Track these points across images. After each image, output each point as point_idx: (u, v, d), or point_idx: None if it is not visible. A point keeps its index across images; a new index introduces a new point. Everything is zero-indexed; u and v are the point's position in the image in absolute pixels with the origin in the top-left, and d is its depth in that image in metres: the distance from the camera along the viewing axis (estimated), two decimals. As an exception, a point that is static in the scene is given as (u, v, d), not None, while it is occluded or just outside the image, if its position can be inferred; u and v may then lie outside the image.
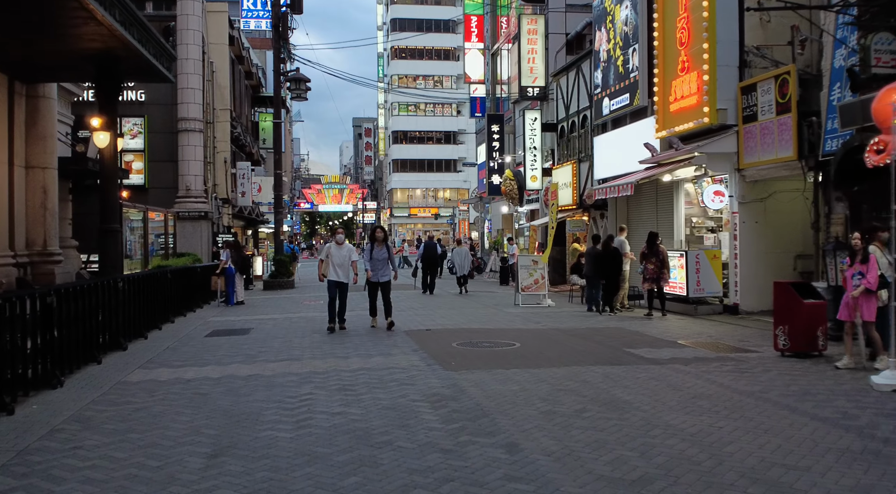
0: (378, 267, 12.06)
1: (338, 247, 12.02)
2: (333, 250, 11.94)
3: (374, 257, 12.06)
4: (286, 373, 8.05)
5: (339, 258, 11.90)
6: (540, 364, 8.25)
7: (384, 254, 12.12)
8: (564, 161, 23.16)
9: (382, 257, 12.07)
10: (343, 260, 11.96)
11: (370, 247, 12.22)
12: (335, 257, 11.89)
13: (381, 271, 12.09)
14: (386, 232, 12.73)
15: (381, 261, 12.06)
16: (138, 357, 9.55)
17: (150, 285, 12.39)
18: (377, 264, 12.05)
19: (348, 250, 12.10)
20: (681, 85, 15.33)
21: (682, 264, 14.46)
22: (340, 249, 11.99)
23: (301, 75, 24.16)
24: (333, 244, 12.09)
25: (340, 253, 11.93)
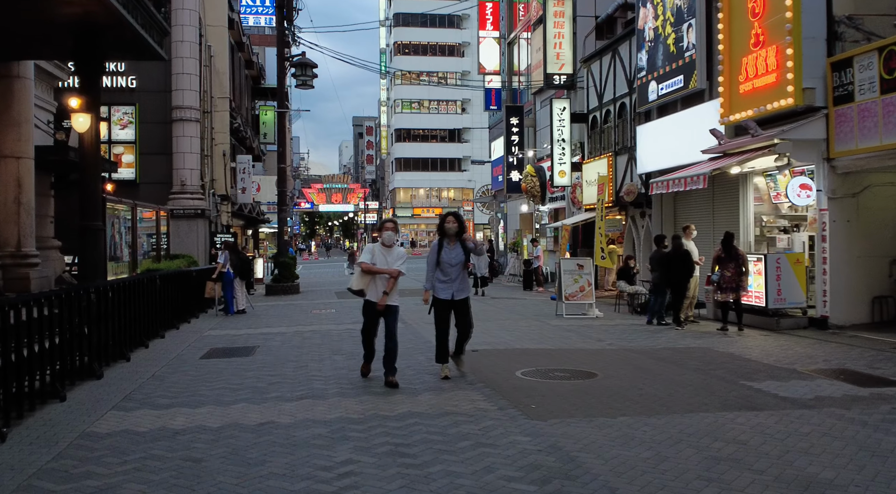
0: (452, 276, 7.78)
1: (385, 250, 7.73)
2: (378, 253, 7.68)
3: (444, 261, 7.77)
4: (310, 421, 5.90)
5: (384, 267, 7.69)
6: (653, 410, 6.12)
7: (459, 255, 7.81)
8: (597, 155, 21.04)
9: (457, 261, 7.80)
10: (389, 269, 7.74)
11: (437, 246, 7.93)
12: (380, 263, 7.66)
13: (458, 282, 7.82)
14: (461, 219, 8.10)
15: (455, 267, 7.80)
16: (115, 391, 7.41)
17: (135, 294, 10.26)
18: (451, 270, 7.77)
19: (398, 256, 7.78)
20: (754, 62, 13.23)
21: (759, 269, 12.34)
22: (388, 253, 7.72)
23: (307, 60, 22.00)
24: (378, 246, 7.79)
25: (388, 258, 7.69)
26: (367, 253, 7.77)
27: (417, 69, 70.23)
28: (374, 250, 7.75)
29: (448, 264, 7.79)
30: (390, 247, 7.76)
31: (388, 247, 7.74)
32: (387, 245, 7.74)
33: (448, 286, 7.81)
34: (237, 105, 26.44)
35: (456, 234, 7.88)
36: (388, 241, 7.76)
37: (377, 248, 7.76)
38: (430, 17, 73.30)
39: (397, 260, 7.69)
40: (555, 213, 25.74)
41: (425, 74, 72.52)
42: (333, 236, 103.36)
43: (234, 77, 25.87)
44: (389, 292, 7.54)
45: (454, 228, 7.90)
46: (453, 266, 7.80)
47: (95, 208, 12.04)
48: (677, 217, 17.28)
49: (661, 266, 12.54)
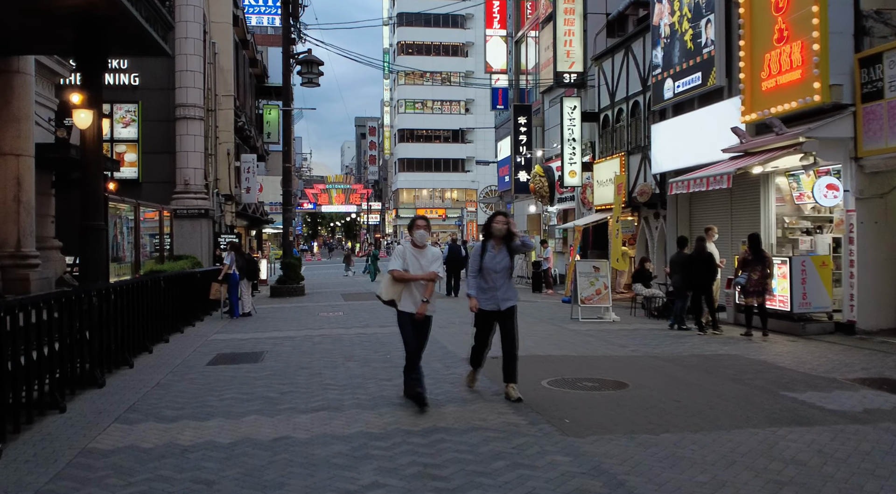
0: (496, 284, 6.82)
1: (417, 251, 6.70)
2: (410, 256, 6.65)
3: (487, 267, 6.81)
4: (328, 436, 5.48)
5: (417, 271, 6.64)
6: (697, 425, 5.69)
7: (504, 260, 6.85)
8: (609, 154, 20.62)
9: (503, 267, 6.83)
10: (423, 274, 6.68)
11: (479, 250, 6.96)
12: (413, 267, 6.63)
13: (503, 289, 6.84)
14: (508, 216, 7.11)
15: (500, 273, 6.82)
16: (118, 401, 6.99)
17: (139, 297, 9.85)
18: (494, 277, 6.81)
19: (433, 257, 6.77)
20: (777, 58, 12.81)
21: (784, 272, 11.92)
22: (421, 254, 6.69)
23: (313, 57, 21.59)
24: (409, 247, 6.77)
25: (421, 261, 6.66)
26: (397, 258, 6.66)
27: (421, 69, 69.88)
28: (405, 252, 6.66)
29: (492, 271, 6.76)
30: (422, 248, 6.73)
31: (421, 248, 6.71)
32: (419, 246, 6.68)
33: (491, 295, 6.81)
34: (241, 103, 26.05)
35: (504, 236, 6.81)
36: (419, 241, 6.67)
37: (408, 250, 6.68)
38: (434, 16, 72.84)
39: (432, 262, 6.69)
40: (564, 214, 25.31)
41: (429, 74, 72.18)
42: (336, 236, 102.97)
43: (238, 75, 25.47)
44: (429, 299, 6.65)
45: (503, 229, 6.80)
46: (497, 272, 6.77)
47: (97, 206, 11.68)
48: (693, 218, 16.86)
49: (683, 269, 12.12)
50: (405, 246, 6.77)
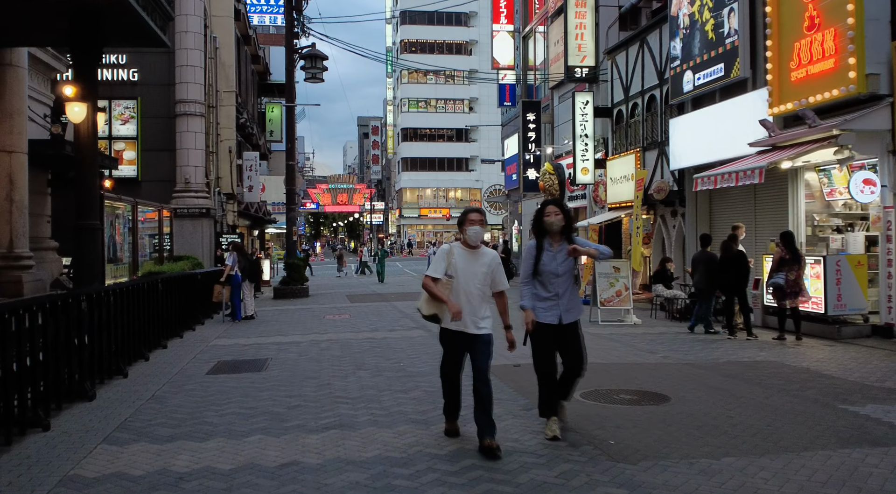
0: (558, 291, 5.44)
1: (470, 254, 5.28)
2: (460, 259, 5.24)
3: (547, 270, 5.44)
4: (342, 462, 4.83)
5: (470, 280, 5.22)
6: (759, 446, 5.03)
7: (567, 261, 5.44)
8: (623, 150, 19.95)
9: (565, 270, 5.44)
10: (478, 283, 5.24)
11: (534, 250, 5.52)
12: (463, 275, 5.20)
13: (566, 297, 5.45)
14: (567, 210, 5.63)
15: (563, 277, 5.44)
16: (108, 416, 6.34)
17: (134, 300, 9.21)
18: (556, 283, 5.43)
19: (490, 261, 5.30)
20: (808, 47, 12.14)
21: (817, 273, 11.26)
22: (475, 257, 5.28)
23: (318, 51, 20.94)
24: (458, 248, 5.32)
25: (474, 267, 5.25)
26: (439, 261, 5.24)
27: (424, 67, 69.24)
28: (452, 253, 5.20)
29: (552, 275, 5.39)
30: (476, 249, 5.24)
31: (474, 249, 5.23)
32: (472, 246, 5.23)
33: (552, 306, 5.39)
34: (243, 101, 25.41)
35: (562, 231, 5.45)
36: (473, 239, 5.20)
37: (457, 251, 5.23)
38: (437, 14, 72.24)
39: (493, 269, 5.25)
40: (575, 212, 24.63)
41: (432, 72, 71.52)
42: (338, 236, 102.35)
43: (240, 71, 24.83)
44: (504, 315, 5.25)
45: (559, 222, 5.42)
46: (560, 276, 5.39)
47: (92, 205, 11.10)
48: (713, 216, 16.20)
49: (707, 268, 11.47)
50: (452, 247, 5.30)
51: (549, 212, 5.50)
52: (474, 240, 5.24)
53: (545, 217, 5.51)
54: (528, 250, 5.61)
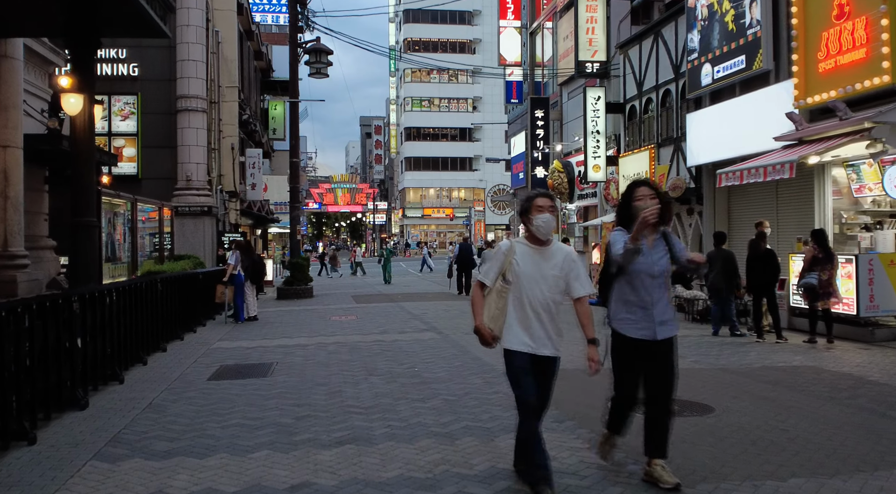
0: (654, 297, 4.25)
1: (536, 252, 4.16)
2: (524, 260, 4.13)
3: (641, 270, 4.23)
4: (360, 483, 4.30)
5: (537, 286, 4.11)
6: (825, 465, 4.51)
7: (662, 259, 4.27)
8: (636, 147, 19.41)
9: (661, 270, 4.26)
10: (547, 289, 4.13)
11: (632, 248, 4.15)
12: (528, 280, 4.09)
13: (660, 306, 4.26)
14: (664, 195, 4.36)
15: (658, 279, 4.26)
16: (100, 428, 5.82)
17: (132, 301, 8.69)
18: (649, 287, 4.25)
19: (563, 261, 4.17)
20: (837, 36, 11.62)
21: (849, 272, 10.71)
22: (544, 256, 4.16)
23: (322, 46, 20.41)
24: (521, 245, 4.19)
25: (541, 268, 4.14)
26: (492, 262, 4.20)
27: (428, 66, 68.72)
28: (512, 251, 4.11)
29: (646, 276, 4.18)
30: (545, 245, 4.13)
31: (542, 244, 4.13)
32: (541, 240, 4.12)
33: (642, 316, 4.20)
34: (246, 96, 24.89)
35: (658, 223, 4.20)
36: (543, 231, 4.08)
37: (519, 248, 4.12)
38: (441, 13, 71.74)
39: (568, 271, 4.13)
40: (584, 211, 24.12)
41: (436, 71, 71.01)
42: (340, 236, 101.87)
43: (242, 67, 24.31)
44: (587, 326, 4.15)
45: (656, 215, 4.11)
46: (655, 278, 4.19)
47: (89, 201, 10.64)
48: (732, 214, 15.66)
49: (726, 268, 10.95)
50: (513, 243, 4.17)
51: (643, 195, 4.22)
52: (544, 232, 4.09)
53: (636, 201, 4.21)
54: (611, 243, 4.28)
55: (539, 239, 4.14)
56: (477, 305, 4.17)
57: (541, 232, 4.11)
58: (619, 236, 4.25)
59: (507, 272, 4.10)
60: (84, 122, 10.53)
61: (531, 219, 4.12)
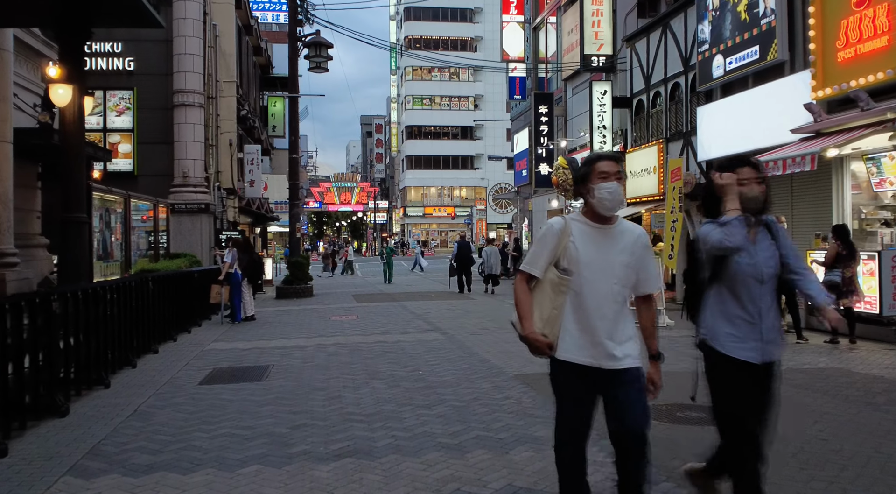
0: (762, 307, 3.27)
1: (599, 233, 3.20)
2: (583, 242, 3.16)
3: (745, 271, 3.25)
4: (361, 502, 3.84)
5: (602, 276, 3.16)
6: (886, 485, 4.03)
7: (774, 256, 3.32)
8: (644, 142, 18.94)
9: (770, 271, 3.29)
10: (615, 280, 3.17)
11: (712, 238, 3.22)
12: (590, 269, 3.14)
13: (769, 319, 3.29)
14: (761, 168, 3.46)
15: (768, 284, 3.29)
16: (80, 437, 5.36)
17: (121, 300, 8.24)
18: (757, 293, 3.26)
19: (633, 245, 3.21)
20: (857, 24, 11.15)
21: (871, 269, 10.26)
22: (609, 238, 3.20)
23: (322, 39, 19.96)
24: (578, 223, 3.21)
25: (608, 253, 3.18)
26: (542, 245, 3.23)
27: (429, 64, 68.29)
28: (567, 232, 3.18)
29: (754, 281, 3.26)
30: (611, 222, 3.21)
31: (606, 223, 3.20)
32: (605, 217, 3.19)
33: (750, 332, 3.26)
34: (244, 92, 24.43)
35: (759, 211, 3.34)
36: (609, 204, 3.14)
37: (576, 228, 3.19)
38: (442, 10, 71.31)
39: (632, 255, 3.20)
40: (589, 208, 23.64)
41: (437, 69, 70.54)
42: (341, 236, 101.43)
43: (241, 62, 23.85)
44: (651, 336, 3.30)
45: (757, 192, 3.31)
46: (763, 283, 3.27)
47: (79, 197, 10.25)
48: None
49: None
50: (568, 222, 3.21)
51: (748, 178, 3.28)
52: (610, 206, 3.11)
53: (745, 186, 3.27)
54: (702, 237, 3.31)
55: (603, 215, 3.15)
56: (523, 303, 3.17)
57: (605, 206, 3.11)
58: (712, 228, 3.24)
59: (561, 259, 3.14)
60: (74, 114, 10.14)
61: (592, 189, 3.13)
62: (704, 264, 3.38)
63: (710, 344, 3.33)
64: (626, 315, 3.18)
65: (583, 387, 3.16)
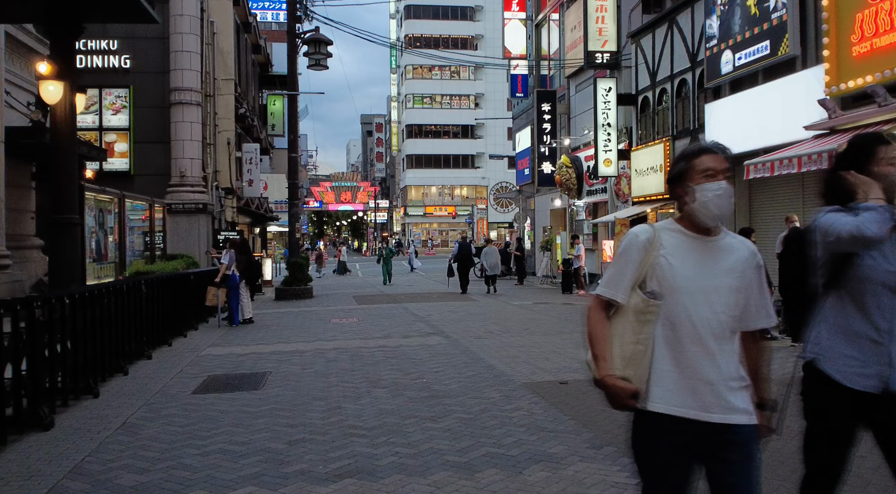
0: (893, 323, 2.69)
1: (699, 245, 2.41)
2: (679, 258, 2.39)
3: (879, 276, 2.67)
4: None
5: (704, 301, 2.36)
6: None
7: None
8: (650, 140, 18.60)
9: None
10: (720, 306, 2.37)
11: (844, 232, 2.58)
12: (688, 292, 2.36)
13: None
14: None
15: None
16: (63, 454, 5.02)
17: (112, 305, 7.90)
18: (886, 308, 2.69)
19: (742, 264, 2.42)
20: (873, 17, 10.82)
21: None
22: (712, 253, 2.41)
23: (321, 36, 19.61)
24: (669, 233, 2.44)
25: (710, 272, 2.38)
26: (623, 259, 2.47)
27: (429, 63, 67.98)
28: (656, 243, 2.42)
29: (884, 289, 2.67)
30: (714, 234, 2.43)
31: (710, 235, 2.43)
32: (707, 227, 2.41)
33: (875, 354, 2.67)
34: (243, 91, 24.09)
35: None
36: (716, 210, 2.37)
37: (667, 239, 2.43)
38: (443, 8, 70.96)
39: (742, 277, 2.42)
40: (593, 207, 23.30)
41: (437, 68, 70.19)
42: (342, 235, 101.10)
43: (239, 59, 23.50)
44: (761, 378, 2.52)
45: None
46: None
47: (71, 197, 9.94)
48: (753, 209, 14.85)
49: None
50: (658, 232, 2.47)
51: (891, 155, 2.67)
52: (716, 212, 2.37)
53: (880, 167, 2.66)
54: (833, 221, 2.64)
55: (704, 224, 2.40)
56: (599, 338, 2.43)
57: (710, 213, 2.37)
58: (840, 216, 2.62)
59: (648, 279, 2.40)
60: (65, 111, 9.85)
61: (692, 190, 2.39)
62: (819, 265, 2.73)
63: (821, 367, 2.71)
64: (735, 353, 2.42)
65: (679, 454, 2.34)
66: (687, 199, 2.41)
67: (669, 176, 2.52)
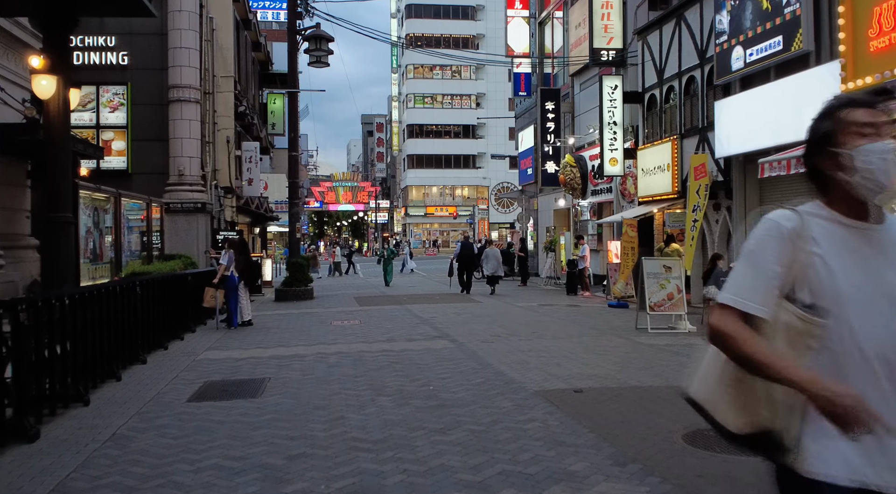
0: None
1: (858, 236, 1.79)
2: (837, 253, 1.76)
3: None
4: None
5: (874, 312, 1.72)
6: None
7: None
8: (657, 139, 18.25)
9: None
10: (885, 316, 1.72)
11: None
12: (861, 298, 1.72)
13: None
14: None
15: None
16: (47, 469, 4.68)
17: (104, 308, 7.56)
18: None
19: None
20: (890, 11, 10.48)
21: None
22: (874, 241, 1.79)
23: (322, 32, 19.28)
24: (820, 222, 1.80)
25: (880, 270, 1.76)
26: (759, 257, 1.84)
27: (430, 62, 67.67)
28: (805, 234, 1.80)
29: None
30: (879, 222, 1.82)
31: (871, 221, 1.82)
32: (866, 209, 1.81)
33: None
34: (243, 88, 23.75)
35: None
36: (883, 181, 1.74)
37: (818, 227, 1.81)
38: (444, 8, 70.63)
39: None
40: (598, 207, 22.95)
41: (438, 67, 69.86)
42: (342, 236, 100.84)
43: (239, 57, 23.16)
44: None
45: None
46: None
47: (64, 195, 9.62)
48: (765, 209, 14.45)
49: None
50: (805, 218, 1.84)
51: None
52: (884, 184, 1.75)
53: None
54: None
55: (864, 205, 1.81)
56: (761, 348, 1.75)
57: (877, 183, 1.76)
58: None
59: (798, 286, 1.77)
60: (58, 107, 9.56)
61: (846, 156, 1.80)
62: None
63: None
64: None
65: None
66: (839, 172, 1.78)
67: (808, 144, 1.88)
